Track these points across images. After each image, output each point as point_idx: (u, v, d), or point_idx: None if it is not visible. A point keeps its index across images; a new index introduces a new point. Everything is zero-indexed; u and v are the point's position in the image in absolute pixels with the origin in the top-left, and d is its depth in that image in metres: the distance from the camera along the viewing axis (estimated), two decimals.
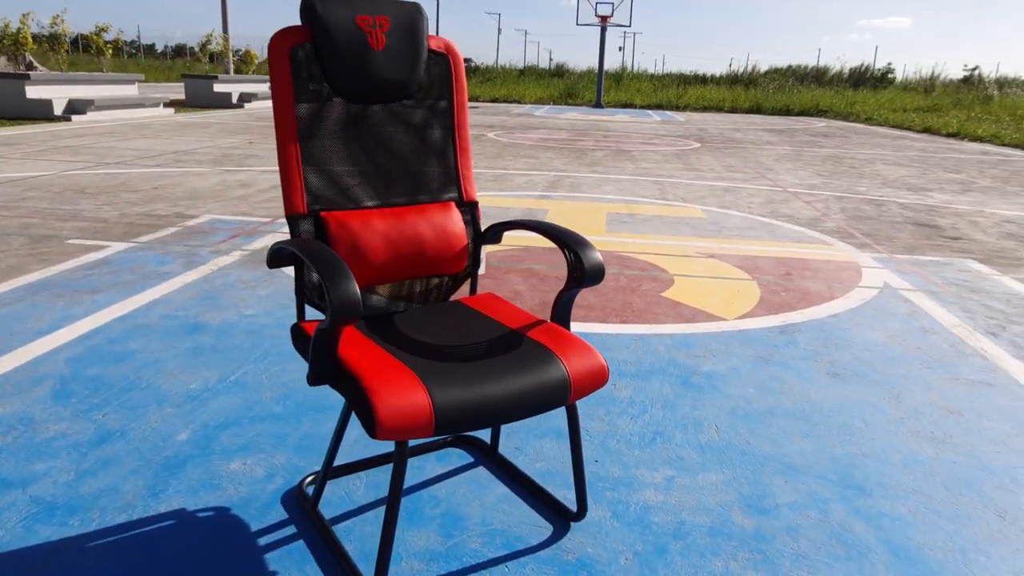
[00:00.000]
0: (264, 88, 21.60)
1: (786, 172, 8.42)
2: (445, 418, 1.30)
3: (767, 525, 1.72)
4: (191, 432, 2.06)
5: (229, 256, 3.99)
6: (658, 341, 2.89)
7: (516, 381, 1.40)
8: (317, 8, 1.57)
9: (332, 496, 1.78)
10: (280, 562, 1.54)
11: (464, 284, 1.89)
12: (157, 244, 4.20)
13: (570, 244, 1.60)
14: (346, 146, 1.66)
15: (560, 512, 1.74)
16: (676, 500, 1.81)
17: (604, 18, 24.23)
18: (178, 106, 16.76)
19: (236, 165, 7.63)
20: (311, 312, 2.18)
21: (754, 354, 2.76)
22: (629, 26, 25.33)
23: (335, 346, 1.38)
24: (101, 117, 12.70)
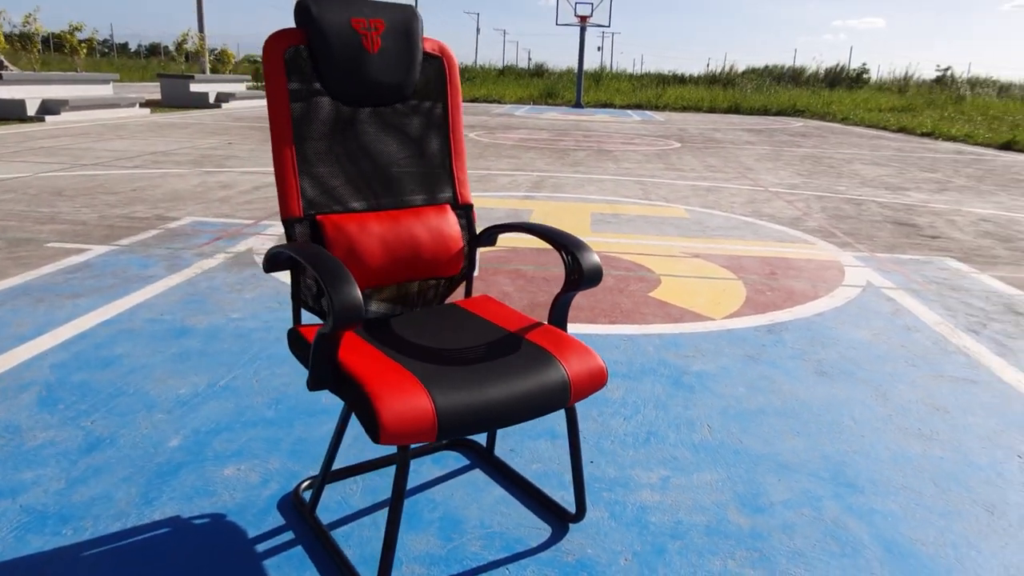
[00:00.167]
0: (241, 88, 21.40)
1: (766, 172, 8.51)
2: (448, 422, 1.30)
3: (763, 523, 1.74)
4: (183, 438, 2.04)
5: (213, 259, 3.95)
6: (647, 341, 2.90)
7: (517, 384, 1.40)
8: (312, 10, 1.57)
9: (328, 501, 1.77)
10: (279, 568, 1.53)
11: (459, 286, 1.89)
12: (139, 247, 4.14)
13: (568, 247, 1.60)
14: (342, 149, 1.65)
15: (558, 514, 1.75)
16: (672, 500, 1.82)
17: (583, 18, 24.31)
18: (154, 106, 16.55)
19: (216, 166, 7.55)
20: (307, 316, 2.16)
21: (743, 353, 2.79)
22: (608, 26, 25.45)
23: (336, 351, 1.37)
24: (76, 117, 12.51)
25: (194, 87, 18.12)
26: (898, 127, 16.70)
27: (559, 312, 1.66)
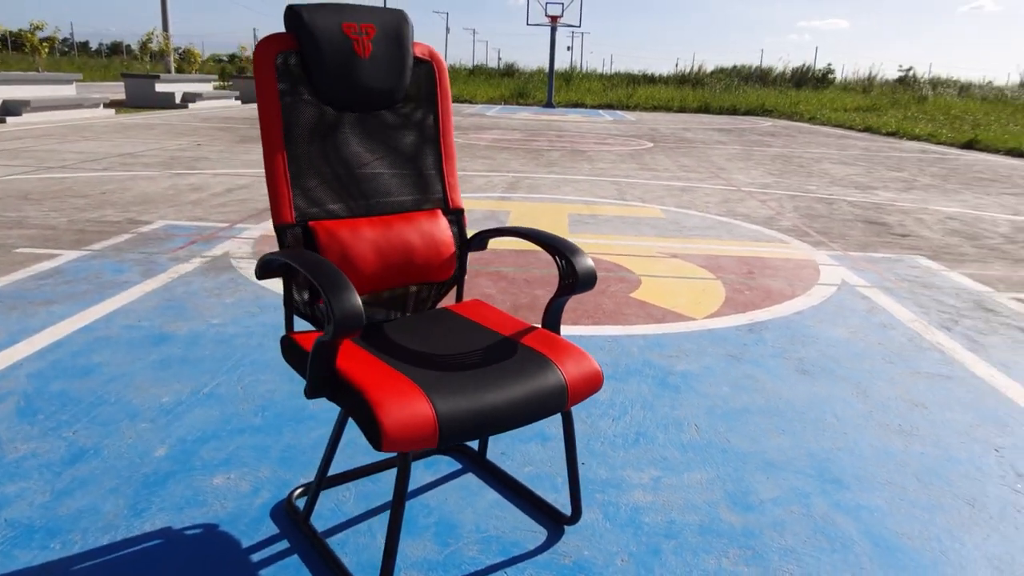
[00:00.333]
0: (208, 88, 21.08)
1: (739, 171, 8.62)
2: (449, 428, 1.30)
3: (754, 521, 1.77)
4: (169, 447, 2.01)
5: (189, 263, 3.89)
6: (631, 342, 2.93)
7: (515, 389, 1.41)
8: (303, 16, 1.55)
9: (321, 508, 1.75)
10: None
11: (450, 291, 1.89)
12: (111, 252, 4.07)
13: (562, 251, 1.61)
14: (333, 155, 1.64)
15: (552, 516, 1.76)
16: (664, 500, 1.84)
17: (554, 18, 24.39)
18: (119, 106, 16.24)
19: (186, 168, 7.44)
20: (299, 323, 2.14)
21: (725, 353, 2.82)
22: (579, 26, 25.57)
23: (334, 358, 1.37)
24: (38, 119, 12.22)
25: (160, 87, 17.82)
26: (864, 127, 17.03)
27: (553, 316, 1.67)
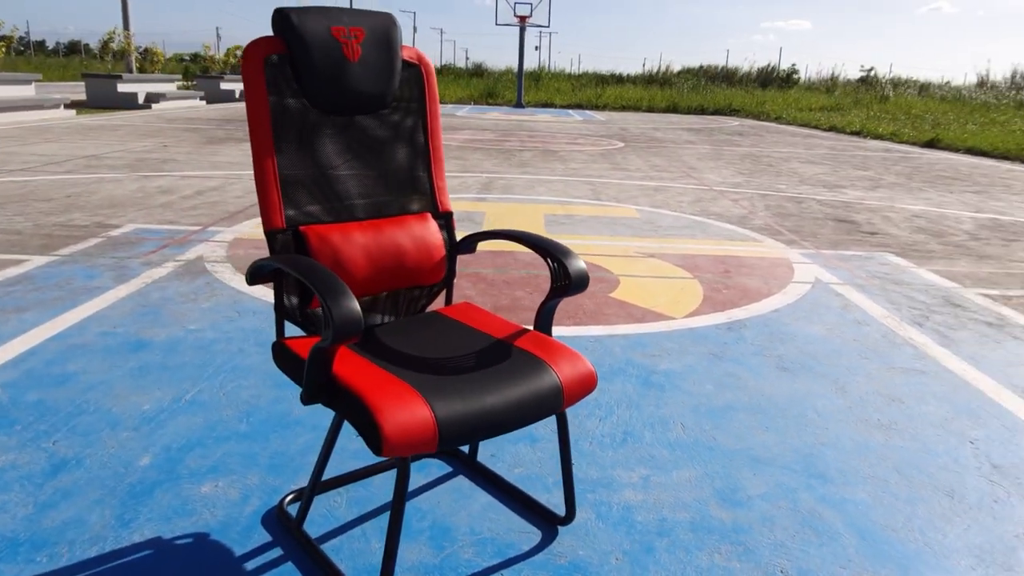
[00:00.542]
0: (172, 88, 20.70)
1: (709, 171, 8.72)
2: (448, 432, 1.30)
3: (743, 517, 1.80)
4: (153, 456, 1.97)
5: (162, 268, 3.82)
6: (613, 342, 2.95)
7: (512, 391, 1.41)
8: (292, 19, 1.54)
9: (313, 515, 1.74)
10: None
11: (439, 294, 1.89)
12: (81, 257, 3.98)
13: (554, 253, 1.62)
14: (323, 159, 1.63)
15: (546, 517, 1.77)
16: (655, 498, 1.86)
17: (523, 18, 24.42)
18: (79, 107, 15.88)
19: (153, 170, 7.31)
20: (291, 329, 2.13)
21: (706, 351, 2.86)
22: (548, 26, 25.62)
23: (331, 364, 1.36)
24: None
25: (122, 87, 17.46)
26: (828, 126, 17.35)
27: (545, 318, 1.68)
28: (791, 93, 28.57)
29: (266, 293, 3.42)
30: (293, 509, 1.75)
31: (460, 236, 1.85)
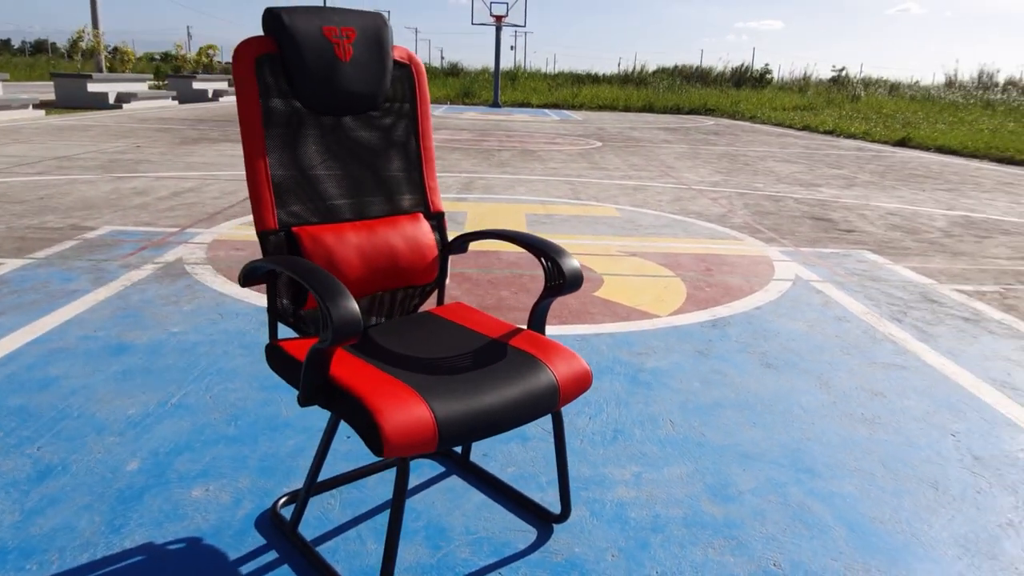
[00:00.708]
0: (143, 88, 20.40)
1: (687, 170, 8.79)
2: (448, 431, 1.31)
3: (735, 512, 1.82)
4: (141, 460, 1.95)
5: (141, 270, 3.77)
6: (599, 340, 2.97)
7: (510, 390, 1.42)
8: (284, 18, 1.53)
9: (307, 517, 1.73)
10: None
11: (431, 294, 1.88)
12: (57, 260, 3.91)
13: (548, 253, 1.63)
14: (315, 159, 1.62)
15: (540, 515, 1.77)
16: (648, 495, 1.88)
17: (499, 18, 24.42)
18: (48, 107, 15.59)
19: (127, 171, 7.20)
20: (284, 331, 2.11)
21: (692, 349, 2.89)
22: (524, 26, 25.65)
23: (328, 365, 1.35)
24: None
25: (92, 87, 17.18)
26: (802, 125, 17.57)
27: (539, 317, 1.69)
28: (765, 93, 28.90)
29: (249, 295, 3.39)
30: (286, 512, 1.73)
31: (450, 236, 1.85)
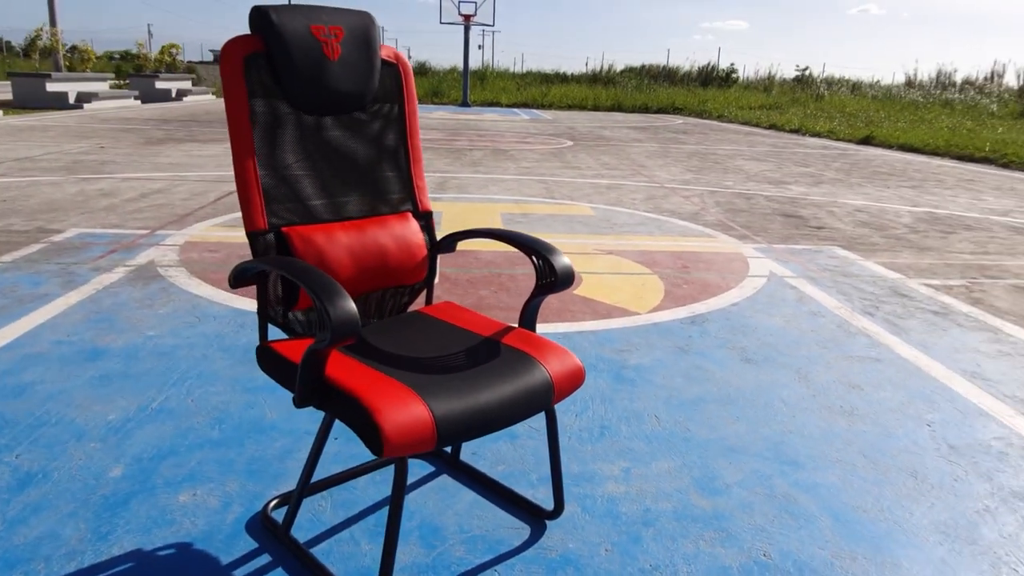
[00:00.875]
0: (104, 87, 19.97)
1: (659, 168, 8.88)
2: (446, 430, 1.31)
3: (723, 504, 1.85)
4: (124, 466, 1.92)
5: (112, 273, 3.70)
6: (581, 338, 2.99)
7: (505, 388, 1.42)
8: (271, 17, 1.52)
9: (298, 519, 1.72)
10: None
11: (420, 294, 1.88)
12: (24, 263, 3.82)
13: (539, 251, 1.64)
14: (304, 159, 1.61)
15: (533, 512, 1.78)
16: (637, 489, 1.90)
17: (468, 16, 24.38)
18: (6, 107, 15.19)
19: (92, 173, 7.05)
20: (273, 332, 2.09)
21: (673, 345, 2.92)
22: (493, 25, 25.65)
23: (324, 366, 1.34)
24: None
25: (51, 86, 16.78)
26: (768, 124, 17.83)
27: (530, 315, 1.70)
28: (731, 92, 29.27)
29: (227, 297, 3.34)
30: (278, 515, 1.72)
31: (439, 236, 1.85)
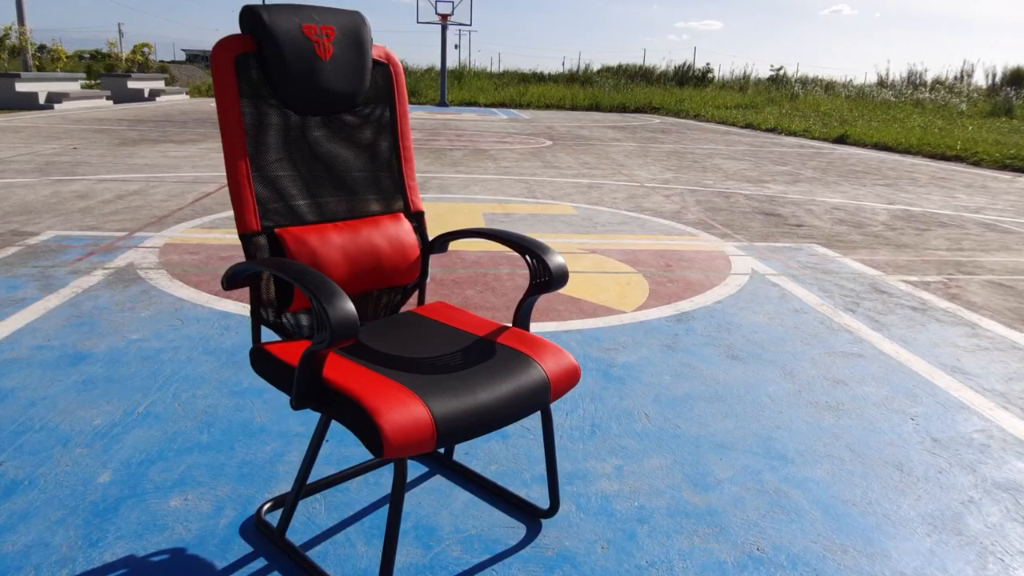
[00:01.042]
0: (76, 87, 19.65)
1: (638, 168, 8.93)
2: (446, 430, 1.31)
3: (716, 500, 1.87)
4: (113, 472, 1.89)
5: (91, 276, 3.64)
6: (569, 337, 3.00)
7: (503, 387, 1.43)
8: (263, 16, 1.51)
9: (292, 522, 1.71)
10: None
11: (412, 294, 1.88)
12: (0, 267, 3.75)
13: (533, 250, 1.64)
14: (297, 159, 1.60)
15: (527, 511, 1.79)
16: (631, 487, 1.91)
17: (445, 16, 24.32)
18: None
19: (66, 174, 6.94)
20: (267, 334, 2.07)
21: (660, 343, 2.94)
22: (470, 24, 25.62)
23: (322, 367, 1.34)
24: None
25: (20, 87, 16.47)
26: (745, 123, 18.00)
27: (524, 314, 1.70)
28: (707, 91, 29.51)
29: (210, 300, 3.31)
30: (272, 518, 1.71)
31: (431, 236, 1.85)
